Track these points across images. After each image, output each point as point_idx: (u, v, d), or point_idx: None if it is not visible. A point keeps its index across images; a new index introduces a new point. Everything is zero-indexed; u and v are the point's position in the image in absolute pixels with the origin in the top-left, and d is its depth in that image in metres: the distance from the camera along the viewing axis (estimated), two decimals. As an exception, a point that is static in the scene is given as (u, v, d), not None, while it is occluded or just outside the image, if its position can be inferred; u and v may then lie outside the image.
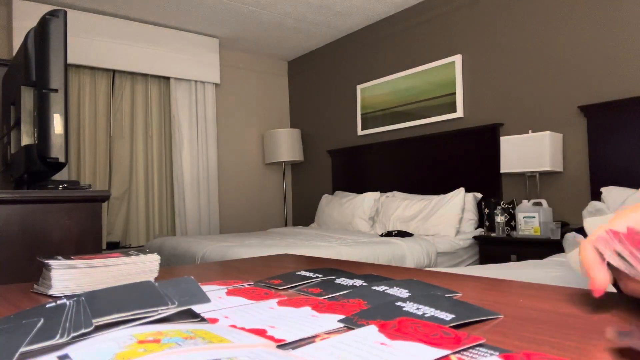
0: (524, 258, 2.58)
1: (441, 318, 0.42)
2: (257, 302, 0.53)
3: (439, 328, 0.36)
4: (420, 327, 0.37)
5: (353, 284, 0.60)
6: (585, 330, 0.40)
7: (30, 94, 1.38)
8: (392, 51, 4.06)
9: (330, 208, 4.12)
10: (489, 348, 0.34)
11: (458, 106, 3.49)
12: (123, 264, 0.67)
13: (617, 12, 2.66)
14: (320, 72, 4.85)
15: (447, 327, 0.37)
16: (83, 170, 3.87)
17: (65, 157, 1.32)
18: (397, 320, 0.39)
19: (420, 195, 3.57)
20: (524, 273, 1.53)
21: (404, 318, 0.40)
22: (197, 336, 0.35)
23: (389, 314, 0.43)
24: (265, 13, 3.98)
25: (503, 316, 0.44)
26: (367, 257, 2.58)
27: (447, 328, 0.36)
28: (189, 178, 4.35)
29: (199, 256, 2.67)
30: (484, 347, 0.34)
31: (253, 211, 4.92)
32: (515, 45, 3.17)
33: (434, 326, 0.37)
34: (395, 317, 0.41)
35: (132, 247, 4.11)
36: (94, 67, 3.94)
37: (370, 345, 0.33)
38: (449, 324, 0.40)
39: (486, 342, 0.35)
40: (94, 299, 0.41)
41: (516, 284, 0.60)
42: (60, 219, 1.34)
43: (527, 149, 2.76)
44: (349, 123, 4.49)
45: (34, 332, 0.34)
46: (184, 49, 4.32)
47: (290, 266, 0.85)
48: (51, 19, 1.31)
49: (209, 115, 4.52)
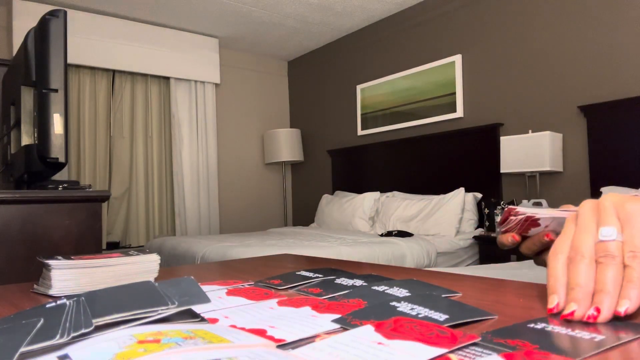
0: (524, 258, 2.58)
1: (435, 318, 0.42)
2: (257, 302, 0.53)
3: (435, 327, 0.36)
4: (416, 326, 0.37)
5: (353, 284, 0.60)
6: (585, 330, 0.40)
7: (30, 94, 1.38)
8: (392, 51, 4.06)
9: (330, 208, 4.12)
10: (489, 347, 0.34)
11: (458, 106, 3.49)
12: (123, 264, 0.67)
13: (617, 12, 2.66)
14: (320, 72, 4.85)
15: (443, 326, 0.37)
16: (83, 170, 3.87)
17: (65, 157, 1.32)
18: (393, 319, 0.39)
19: (420, 195, 3.57)
20: (524, 273, 1.53)
21: (400, 317, 0.40)
22: (197, 336, 0.35)
23: (383, 314, 0.43)
24: (265, 13, 3.98)
25: (497, 316, 0.44)
26: (367, 257, 2.58)
27: (443, 327, 0.37)
28: (189, 178, 4.35)
29: (199, 256, 2.67)
30: (483, 346, 0.34)
31: (253, 211, 4.92)
32: (515, 45, 3.17)
33: (430, 325, 0.37)
34: (390, 317, 0.41)
35: (132, 247, 4.11)
36: (94, 67, 3.94)
37: (367, 344, 0.34)
38: (443, 324, 0.40)
39: (484, 342, 0.35)
40: (94, 299, 0.41)
41: (516, 284, 0.60)
42: (60, 219, 1.34)
43: (527, 149, 2.76)
44: (349, 123, 4.49)
45: (34, 332, 0.34)
46: (184, 49, 4.32)
47: (290, 266, 0.85)
48: (51, 19, 1.31)
49: (209, 115, 4.52)
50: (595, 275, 0.40)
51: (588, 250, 0.41)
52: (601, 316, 0.38)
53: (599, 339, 0.35)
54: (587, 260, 0.41)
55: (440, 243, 2.95)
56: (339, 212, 3.99)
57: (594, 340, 0.35)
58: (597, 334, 0.36)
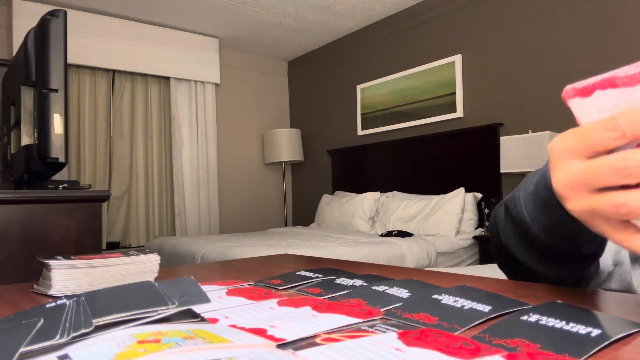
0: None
1: (480, 310, 0.43)
2: (257, 302, 0.53)
3: (460, 339, 0.36)
4: (441, 337, 0.36)
5: (353, 284, 0.60)
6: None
7: (30, 94, 1.38)
8: (392, 51, 4.06)
9: (330, 208, 4.12)
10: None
11: (458, 106, 3.49)
12: (123, 264, 0.67)
13: (617, 12, 2.66)
14: (320, 72, 4.85)
15: (468, 338, 0.37)
16: (83, 170, 3.87)
17: (65, 157, 1.32)
18: (420, 330, 0.38)
19: (420, 195, 3.57)
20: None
21: (427, 329, 0.39)
22: (197, 336, 0.35)
23: (430, 308, 0.45)
24: (265, 13, 3.98)
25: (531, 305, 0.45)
26: (367, 257, 2.58)
27: (469, 339, 0.36)
28: (189, 178, 4.35)
29: (199, 256, 2.67)
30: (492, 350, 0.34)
31: (253, 211, 4.92)
32: (515, 45, 3.17)
33: (456, 337, 0.36)
34: (435, 310, 0.43)
35: (132, 247, 4.11)
36: (94, 67, 3.94)
37: (384, 349, 0.33)
38: (488, 315, 0.42)
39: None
40: (94, 299, 0.41)
41: (516, 284, 0.60)
42: (60, 219, 1.34)
43: (527, 149, 2.76)
44: (349, 123, 4.49)
45: (33, 332, 0.34)
46: (184, 49, 4.32)
47: (290, 266, 0.85)
48: (51, 19, 1.31)
49: (209, 115, 4.52)
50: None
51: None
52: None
53: (596, 334, 0.35)
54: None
55: (440, 243, 2.95)
56: (339, 212, 3.99)
57: (591, 335, 0.35)
58: (594, 328, 0.36)
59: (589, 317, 0.38)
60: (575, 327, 0.36)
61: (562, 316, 0.39)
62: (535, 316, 0.39)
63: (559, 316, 0.39)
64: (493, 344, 0.35)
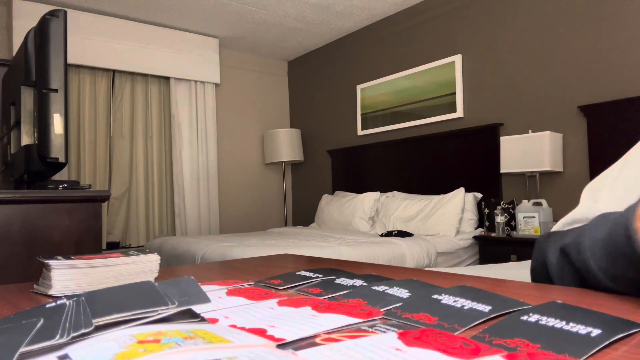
0: (524, 258, 2.58)
1: (479, 310, 0.43)
2: (257, 302, 0.53)
3: (460, 339, 0.36)
4: (441, 337, 0.36)
5: (353, 284, 0.60)
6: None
7: (30, 94, 1.38)
8: (392, 51, 4.06)
9: (330, 208, 4.12)
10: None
11: (458, 106, 3.49)
12: (123, 264, 0.67)
13: (617, 12, 2.66)
14: (320, 72, 4.85)
15: (468, 338, 0.37)
16: (83, 170, 3.87)
17: (65, 157, 1.32)
18: (420, 330, 0.38)
19: (420, 195, 3.57)
20: (524, 273, 1.53)
21: (427, 329, 0.39)
22: (197, 336, 0.35)
23: (429, 307, 0.45)
24: (265, 13, 3.98)
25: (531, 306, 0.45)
26: (367, 257, 2.58)
27: (469, 339, 0.36)
28: (189, 178, 4.35)
29: (199, 256, 2.67)
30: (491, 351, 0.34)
31: (253, 211, 4.92)
32: (515, 45, 3.17)
33: (456, 337, 0.36)
34: (436, 310, 0.43)
35: (132, 247, 4.11)
36: (94, 67, 3.94)
37: (384, 349, 0.33)
38: (488, 315, 0.42)
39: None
40: (94, 299, 0.41)
41: (516, 284, 0.60)
42: (60, 219, 1.34)
43: (527, 149, 2.76)
44: (348, 123, 4.49)
45: (33, 332, 0.34)
46: (184, 49, 4.31)
47: (290, 266, 0.85)
48: (51, 19, 1.31)
49: (209, 115, 4.52)
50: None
51: None
52: None
53: (596, 334, 0.35)
54: None
55: (440, 243, 2.95)
56: (339, 212, 3.99)
57: (591, 335, 0.35)
58: (594, 328, 0.36)
59: (589, 317, 0.38)
60: (575, 327, 0.36)
61: (562, 316, 0.39)
62: (535, 316, 0.39)
63: (559, 316, 0.39)
64: (493, 344, 0.35)
